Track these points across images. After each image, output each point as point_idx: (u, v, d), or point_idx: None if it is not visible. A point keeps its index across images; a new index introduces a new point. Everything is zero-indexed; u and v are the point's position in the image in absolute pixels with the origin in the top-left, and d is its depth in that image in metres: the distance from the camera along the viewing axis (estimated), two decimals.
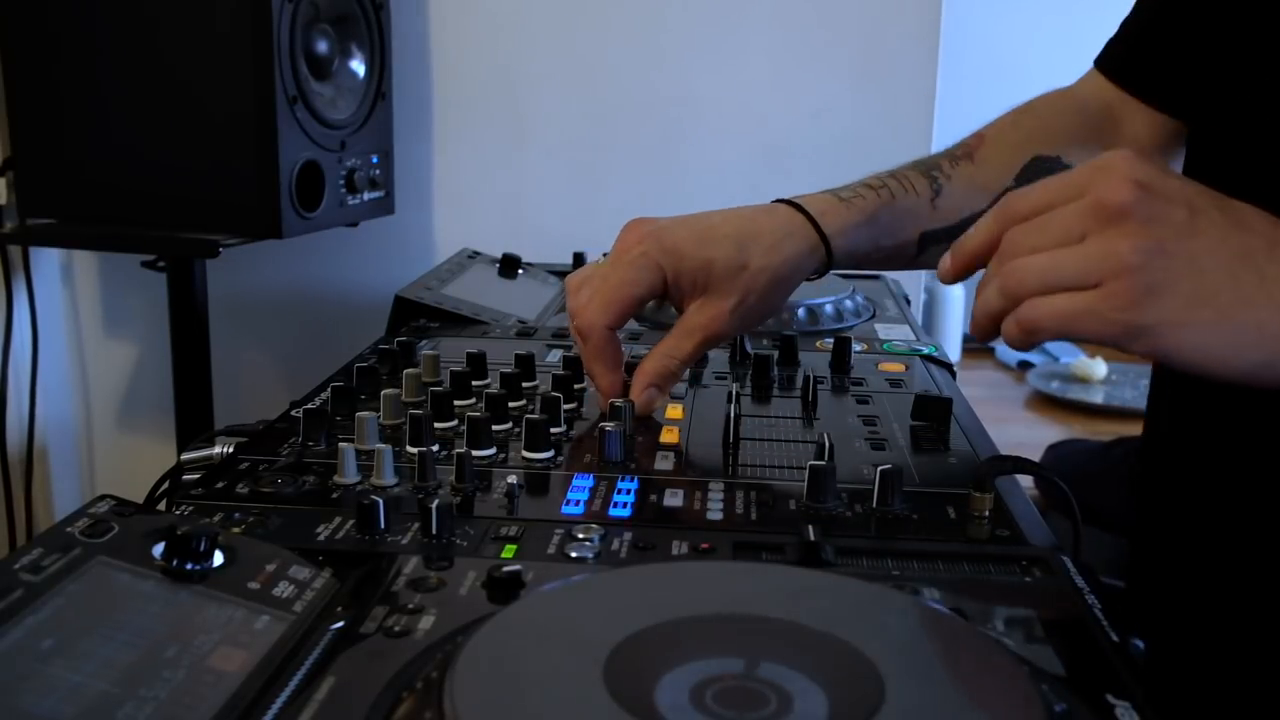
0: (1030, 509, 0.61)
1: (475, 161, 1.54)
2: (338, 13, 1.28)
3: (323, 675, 0.42)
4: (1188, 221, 0.52)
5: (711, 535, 0.56)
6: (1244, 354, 0.51)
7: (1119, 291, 0.51)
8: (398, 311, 1.08)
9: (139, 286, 1.52)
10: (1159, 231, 0.52)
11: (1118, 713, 0.40)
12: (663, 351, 0.74)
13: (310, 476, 0.64)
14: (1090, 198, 0.53)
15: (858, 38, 1.48)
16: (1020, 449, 0.66)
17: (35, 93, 1.21)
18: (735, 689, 0.39)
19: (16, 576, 0.43)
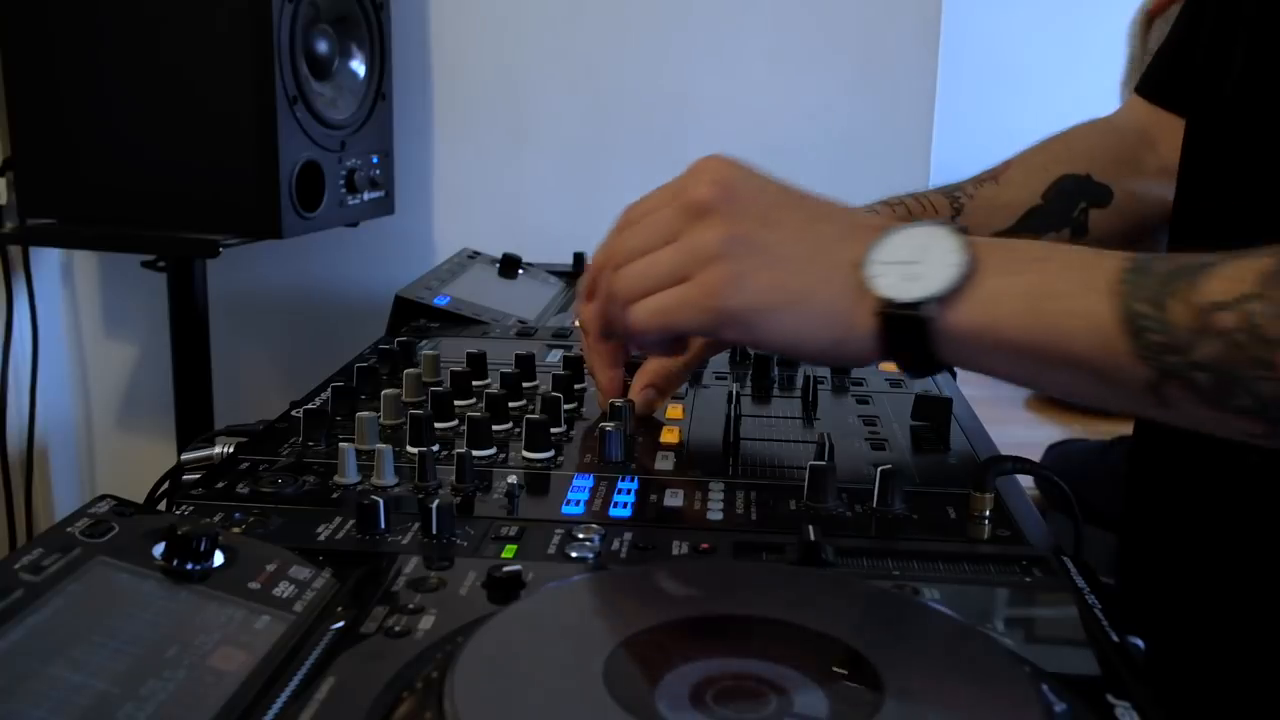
0: (1030, 509, 0.61)
1: (475, 161, 1.54)
2: (338, 13, 1.28)
3: (323, 675, 0.42)
4: (768, 214, 0.57)
5: (711, 535, 0.56)
6: (819, 334, 0.55)
7: (707, 281, 0.56)
8: (398, 311, 1.08)
9: (139, 286, 1.52)
10: (741, 224, 0.56)
11: (1118, 713, 0.40)
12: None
13: (310, 476, 0.64)
14: (680, 199, 0.58)
15: (858, 38, 1.48)
16: (1020, 449, 0.66)
17: (35, 93, 1.21)
18: (735, 689, 0.39)
19: (16, 576, 0.43)
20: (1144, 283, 0.49)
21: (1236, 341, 0.46)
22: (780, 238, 0.56)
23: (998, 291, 0.52)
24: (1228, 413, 0.48)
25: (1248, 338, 0.46)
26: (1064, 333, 0.50)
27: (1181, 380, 0.48)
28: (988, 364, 0.53)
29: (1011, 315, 0.51)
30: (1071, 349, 0.50)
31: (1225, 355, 0.46)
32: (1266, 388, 0.46)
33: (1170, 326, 0.48)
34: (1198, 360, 0.47)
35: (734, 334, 0.57)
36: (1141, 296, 0.49)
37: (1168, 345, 0.48)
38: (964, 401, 0.82)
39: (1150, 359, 0.48)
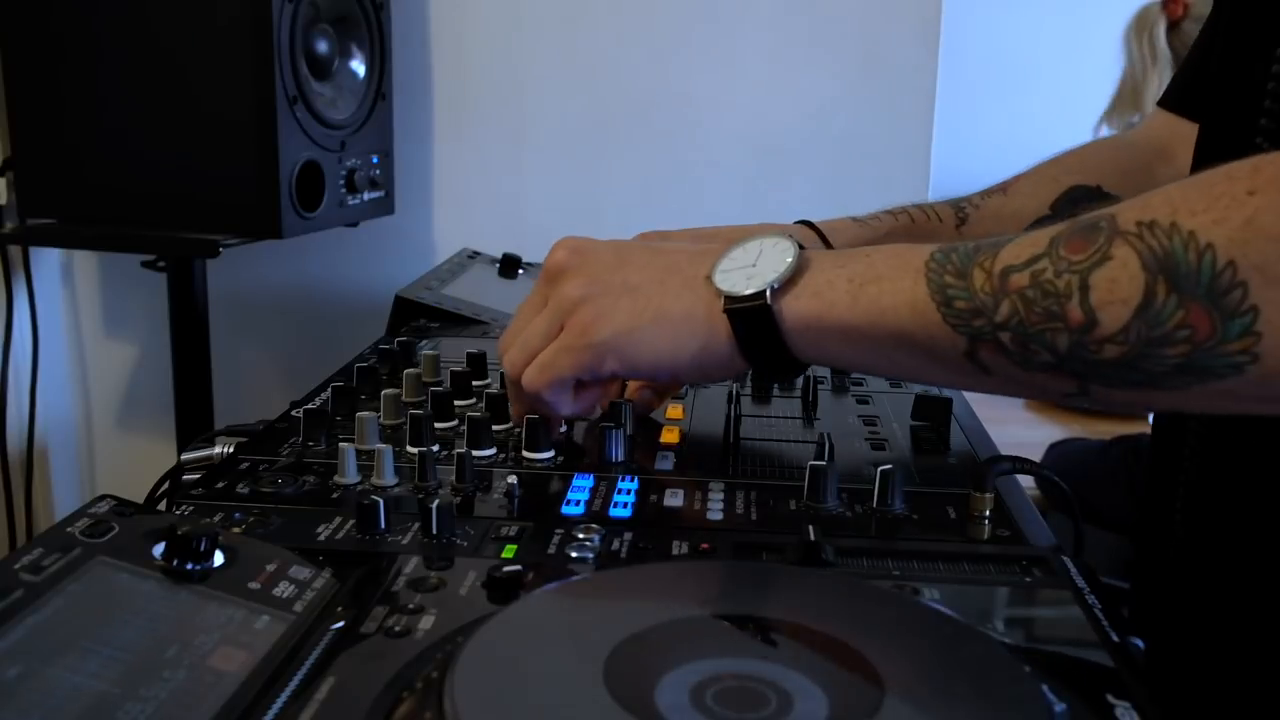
0: (1030, 509, 0.61)
1: (475, 161, 1.54)
2: (338, 13, 1.28)
3: (323, 675, 0.42)
4: (616, 259, 0.63)
5: (711, 535, 0.56)
6: (685, 344, 0.60)
7: (574, 325, 0.62)
8: (398, 311, 1.08)
9: (139, 286, 1.52)
10: (593, 271, 0.62)
11: (1118, 713, 0.40)
12: None
13: (310, 476, 0.64)
14: (542, 276, 0.65)
15: (858, 38, 1.48)
16: (1020, 449, 0.66)
17: (35, 93, 1.21)
18: (735, 689, 0.39)
19: (16, 576, 0.43)
20: (951, 259, 0.53)
21: (1028, 298, 0.50)
22: (632, 273, 0.62)
23: (825, 281, 0.57)
24: (1035, 371, 0.51)
25: (1037, 293, 0.49)
26: (884, 310, 0.54)
27: (990, 344, 0.51)
28: (830, 351, 0.57)
29: (839, 300, 0.56)
30: (894, 326, 0.54)
31: (1021, 313, 0.50)
32: (1060, 339, 0.49)
33: (974, 293, 0.52)
34: (999, 321, 0.51)
35: (612, 364, 0.62)
36: (949, 270, 0.53)
37: (973, 310, 0.51)
38: (964, 401, 0.82)
39: (960, 326, 0.52)
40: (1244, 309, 0.44)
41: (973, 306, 0.52)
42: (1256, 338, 0.45)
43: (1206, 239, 0.45)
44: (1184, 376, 0.47)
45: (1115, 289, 0.47)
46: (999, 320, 0.51)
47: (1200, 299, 0.45)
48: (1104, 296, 0.47)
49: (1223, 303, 0.45)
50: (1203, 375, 0.47)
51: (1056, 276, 0.49)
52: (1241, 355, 0.45)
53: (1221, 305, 0.45)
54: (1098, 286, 0.48)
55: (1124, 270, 0.47)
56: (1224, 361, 0.46)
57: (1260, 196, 0.44)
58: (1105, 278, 0.48)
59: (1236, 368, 0.46)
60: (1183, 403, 0.49)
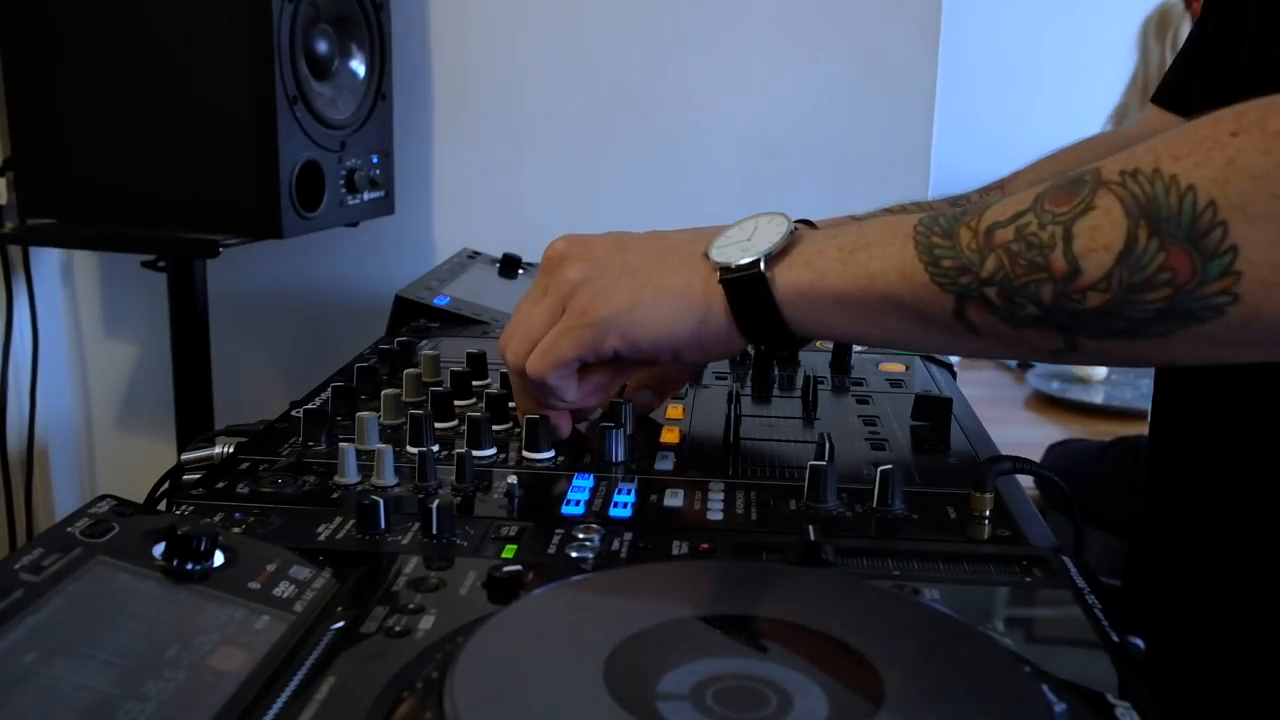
0: (1030, 509, 0.61)
1: (475, 161, 1.54)
2: (338, 13, 1.28)
3: (323, 675, 0.42)
4: (615, 245, 0.64)
5: (711, 535, 0.56)
6: (684, 317, 0.61)
7: (575, 306, 0.62)
8: (398, 311, 1.08)
9: (139, 286, 1.52)
10: (593, 255, 0.63)
11: (1118, 713, 0.40)
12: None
13: (310, 476, 0.64)
14: (542, 267, 0.66)
15: (858, 38, 1.48)
16: (1020, 449, 0.66)
17: (35, 93, 1.21)
18: (735, 689, 0.39)
19: (16, 576, 0.43)
20: (939, 222, 0.54)
21: (1013, 251, 0.50)
22: (631, 254, 0.63)
23: (817, 251, 0.58)
24: (1022, 327, 0.52)
25: (1021, 246, 0.50)
26: (873, 275, 0.55)
27: (977, 301, 0.52)
28: (824, 320, 0.58)
29: (830, 269, 0.57)
30: (884, 290, 0.55)
31: (1006, 266, 0.51)
32: (1045, 290, 0.50)
33: (960, 251, 0.52)
34: (985, 277, 0.51)
35: (614, 342, 0.62)
36: (936, 232, 0.54)
37: (960, 268, 0.52)
38: (964, 401, 0.82)
39: (948, 285, 0.53)
40: (1224, 248, 0.45)
41: (959, 264, 0.52)
42: (1236, 277, 0.45)
43: (1188, 181, 0.45)
44: (1166, 322, 0.47)
45: (1098, 236, 0.48)
46: (985, 276, 0.51)
47: (1181, 241, 0.45)
48: (1086, 244, 0.48)
49: (1203, 243, 0.45)
50: (1184, 319, 0.47)
51: (1041, 229, 0.50)
52: (1221, 296, 0.45)
53: (1201, 246, 0.45)
54: (1080, 235, 0.48)
55: (1106, 218, 0.48)
56: (1204, 303, 0.46)
57: (1243, 137, 0.45)
58: (1088, 226, 0.48)
59: (1217, 309, 0.46)
60: (1166, 352, 0.49)
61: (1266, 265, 0.44)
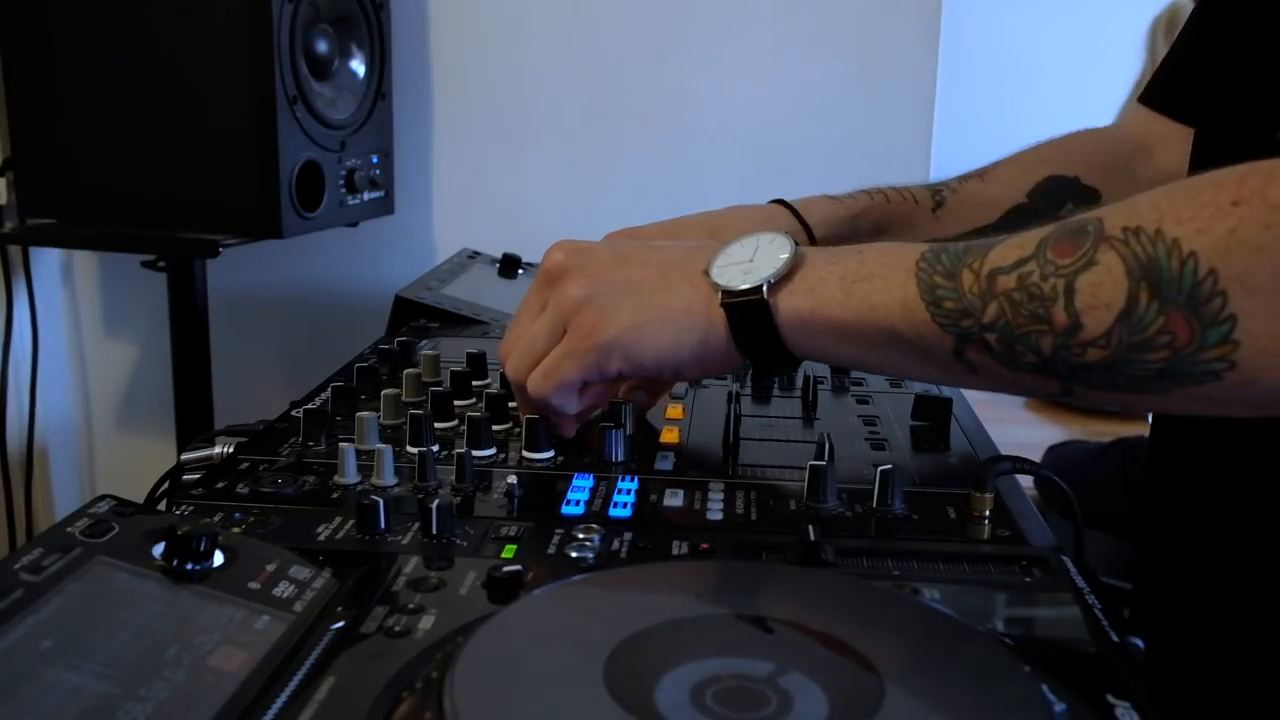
0: (1030, 509, 0.61)
1: (475, 161, 1.54)
2: (338, 13, 1.28)
3: (323, 675, 0.42)
4: (616, 259, 0.63)
5: (711, 535, 0.56)
6: (686, 337, 0.61)
7: (579, 325, 0.62)
8: (398, 311, 1.08)
9: (139, 286, 1.52)
10: (594, 270, 0.62)
11: (1118, 713, 0.40)
12: None
13: (310, 476, 0.64)
14: (540, 279, 0.65)
15: (858, 38, 1.48)
16: (1020, 449, 0.66)
17: (35, 93, 1.21)
18: (735, 689, 0.39)
19: (16, 576, 0.43)
20: (941, 259, 0.54)
21: (1014, 300, 0.50)
22: (632, 271, 0.62)
23: (819, 278, 0.58)
24: (1021, 372, 0.52)
25: (1023, 295, 0.50)
26: (875, 308, 0.55)
27: (977, 343, 0.52)
28: (823, 347, 0.58)
29: (831, 297, 0.57)
30: (885, 324, 0.55)
31: (1008, 314, 0.51)
32: (1045, 341, 0.50)
33: (962, 294, 0.52)
34: (986, 322, 0.52)
35: (618, 363, 0.62)
36: (939, 270, 0.54)
37: (961, 311, 0.52)
38: (964, 401, 0.82)
39: (949, 326, 0.53)
40: (1223, 317, 0.45)
41: (961, 307, 0.52)
42: (1234, 345, 0.45)
43: (1190, 247, 0.46)
44: (1164, 381, 0.48)
45: (1099, 294, 0.48)
46: (986, 321, 0.51)
47: (1181, 306, 0.46)
48: (1088, 301, 0.48)
49: (1203, 310, 0.45)
50: (1182, 380, 0.47)
51: (1043, 280, 0.50)
52: (1220, 362, 0.46)
53: (1201, 313, 0.45)
54: (1082, 290, 0.48)
55: (1109, 275, 0.48)
56: (1203, 368, 0.46)
57: (1244, 207, 0.45)
58: (1090, 282, 0.48)
59: (1215, 374, 0.46)
60: (1163, 405, 0.50)
61: (1265, 336, 0.45)
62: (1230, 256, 0.45)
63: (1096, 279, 0.48)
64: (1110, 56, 2.18)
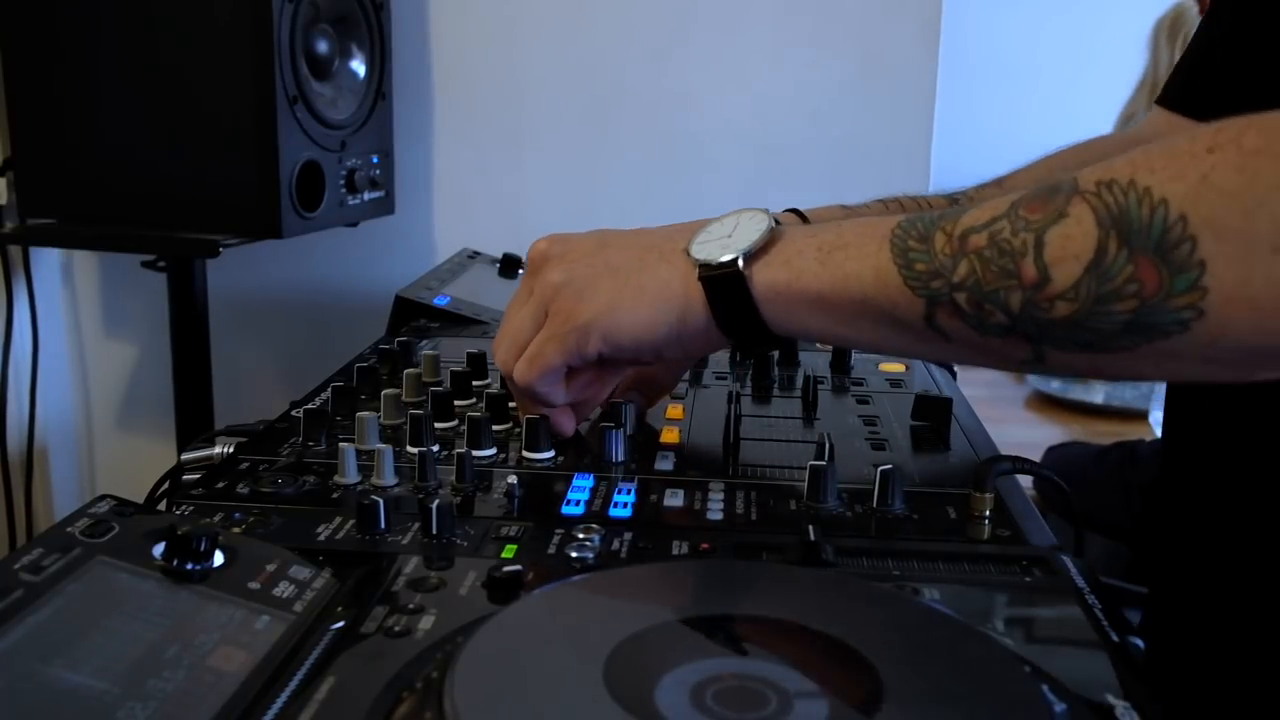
0: (1030, 509, 0.61)
1: (475, 161, 1.54)
2: (338, 13, 1.28)
3: (323, 675, 0.42)
4: (597, 244, 0.64)
5: (711, 535, 0.56)
6: (663, 316, 0.61)
7: (558, 309, 0.63)
8: (398, 311, 1.08)
9: (139, 286, 1.52)
10: (574, 256, 0.64)
11: (1118, 713, 0.40)
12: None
13: (310, 476, 0.64)
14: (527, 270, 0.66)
15: (858, 38, 1.48)
16: (1020, 449, 0.66)
17: (35, 93, 1.21)
18: (735, 689, 0.39)
19: (16, 576, 0.43)
20: (916, 225, 0.54)
21: (985, 257, 0.50)
22: (611, 254, 0.63)
23: (796, 249, 0.58)
24: (990, 335, 0.51)
25: (994, 252, 0.50)
26: (849, 276, 0.55)
27: (947, 305, 0.52)
28: (799, 319, 0.58)
29: (807, 268, 0.57)
30: (858, 291, 0.55)
31: (978, 272, 0.50)
32: (1014, 297, 0.49)
33: (934, 255, 0.52)
34: (957, 281, 0.51)
35: (596, 344, 0.62)
36: (912, 235, 0.54)
37: (932, 272, 0.52)
38: (964, 401, 0.82)
39: (920, 289, 0.53)
40: (1192, 263, 0.44)
41: (932, 268, 0.52)
42: (1202, 293, 0.45)
43: (1161, 194, 0.45)
44: (1132, 335, 0.47)
45: (1068, 245, 0.48)
46: (956, 280, 0.51)
47: (1150, 253, 0.45)
48: (1057, 253, 0.48)
49: (1171, 257, 0.45)
50: (1150, 333, 0.47)
51: (1014, 235, 0.49)
52: (1188, 310, 0.45)
53: (1170, 260, 0.45)
54: (1051, 243, 0.48)
55: (1079, 227, 0.47)
56: (1171, 318, 0.46)
57: (1218, 154, 0.45)
58: (1060, 234, 0.48)
59: (1183, 324, 0.45)
60: (1132, 366, 0.49)
61: (1232, 282, 0.44)
62: (1201, 201, 0.44)
63: (1066, 231, 0.48)
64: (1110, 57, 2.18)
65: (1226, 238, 0.44)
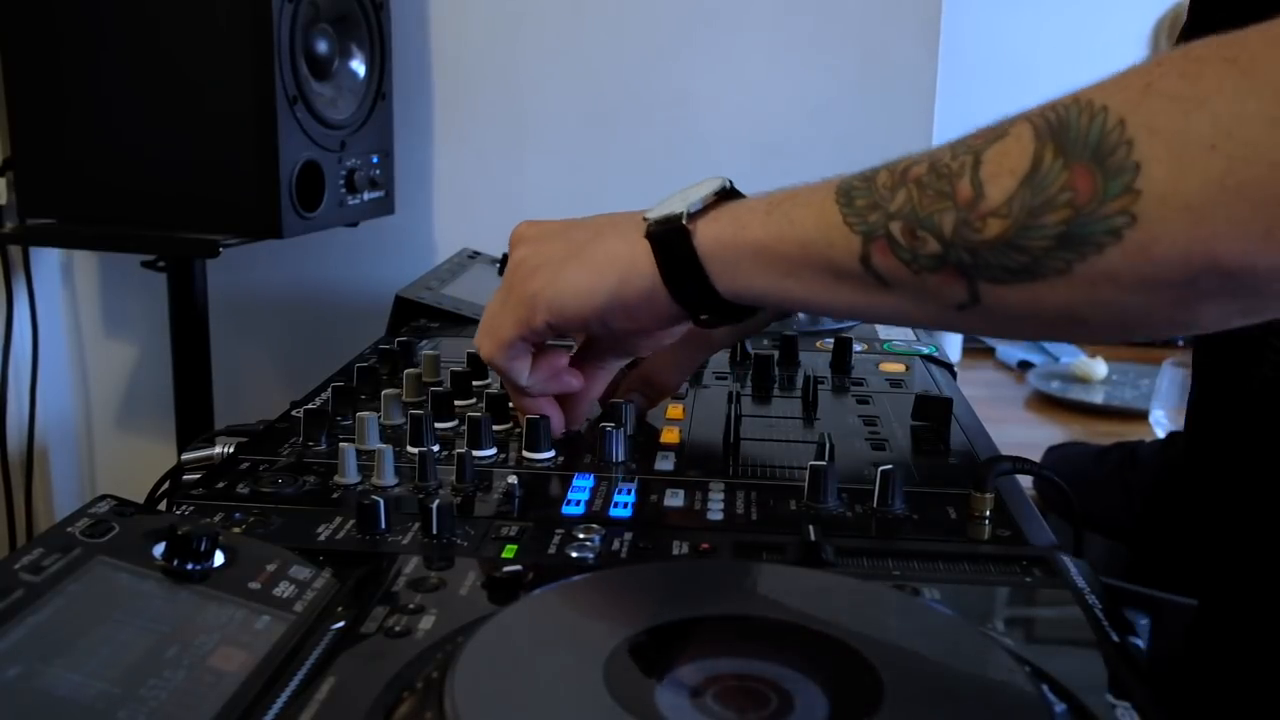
0: (1030, 509, 0.61)
1: (475, 161, 1.54)
2: (338, 13, 1.28)
3: (323, 675, 0.42)
4: (565, 224, 0.67)
5: (711, 535, 0.56)
6: (603, 280, 0.61)
7: (514, 284, 0.65)
8: (398, 311, 1.08)
9: (139, 286, 1.52)
10: (542, 236, 0.66)
11: (1118, 713, 0.40)
12: (659, 359, 0.74)
13: (310, 476, 0.64)
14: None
15: (858, 37, 1.48)
16: (1020, 449, 0.66)
17: (35, 93, 1.21)
18: (735, 689, 0.39)
19: (17, 576, 0.43)
20: (864, 170, 0.54)
21: (923, 183, 0.50)
22: (575, 233, 0.65)
23: (747, 208, 0.58)
24: (924, 271, 0.50)
25: (932, 177, 0.50)
26: (793, 222, 0.55)
27: (882, 240, 0.51)
28: (746, 277, 0.57)
29: (753, 221, 0.57)
30: (800, 236, 0.55)
31: (914, 198, 0.50)
32: (947, 220, 0.49)
33: (875, 189, 0.52)
34: (893, 211, 0.51)
35: (543, 315, 0.63)
36: (858, 177, 0.54)
37: (871, 204, 0.52)
38: (964, 401, 0.82)
39: (857, 223, 0.52)
40: (1127, 165, 0.44)
41: (871, 201, 0.52)
42: (1135, 195, 0.43)
43: (1103, 103, 0.45)
44: (1064, 250, 0.46)
45: (1005, 160, 0.47)
46: (893, 210, 0.51)
47: (1086, 160, 0.45)
48: (993, 169, 0.47)
49: (1107, 162, 0.44)
50: (1083, 246, 0.45)
51: (953, 159, 0.49)
52: (1120, 216, 0.44)
53: (1106, 164, 0.44)
54: (989, 161, 0.48)
55: (1017, 143, 0.47)
56: (1103, 225, 0.44)
57: (1165, 65, 0.44)
58: (998, 151, 0.48)
59: (1115, 232, 0.44)
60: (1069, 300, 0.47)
61: (1165, 182, 0.43)
62: (1142, 107, 0.44)
63: (1005, 148, 0.47)
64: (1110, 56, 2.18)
65: (1163, 137, 0.43)
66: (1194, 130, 0.42)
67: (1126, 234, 0.44)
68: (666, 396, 0.76)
